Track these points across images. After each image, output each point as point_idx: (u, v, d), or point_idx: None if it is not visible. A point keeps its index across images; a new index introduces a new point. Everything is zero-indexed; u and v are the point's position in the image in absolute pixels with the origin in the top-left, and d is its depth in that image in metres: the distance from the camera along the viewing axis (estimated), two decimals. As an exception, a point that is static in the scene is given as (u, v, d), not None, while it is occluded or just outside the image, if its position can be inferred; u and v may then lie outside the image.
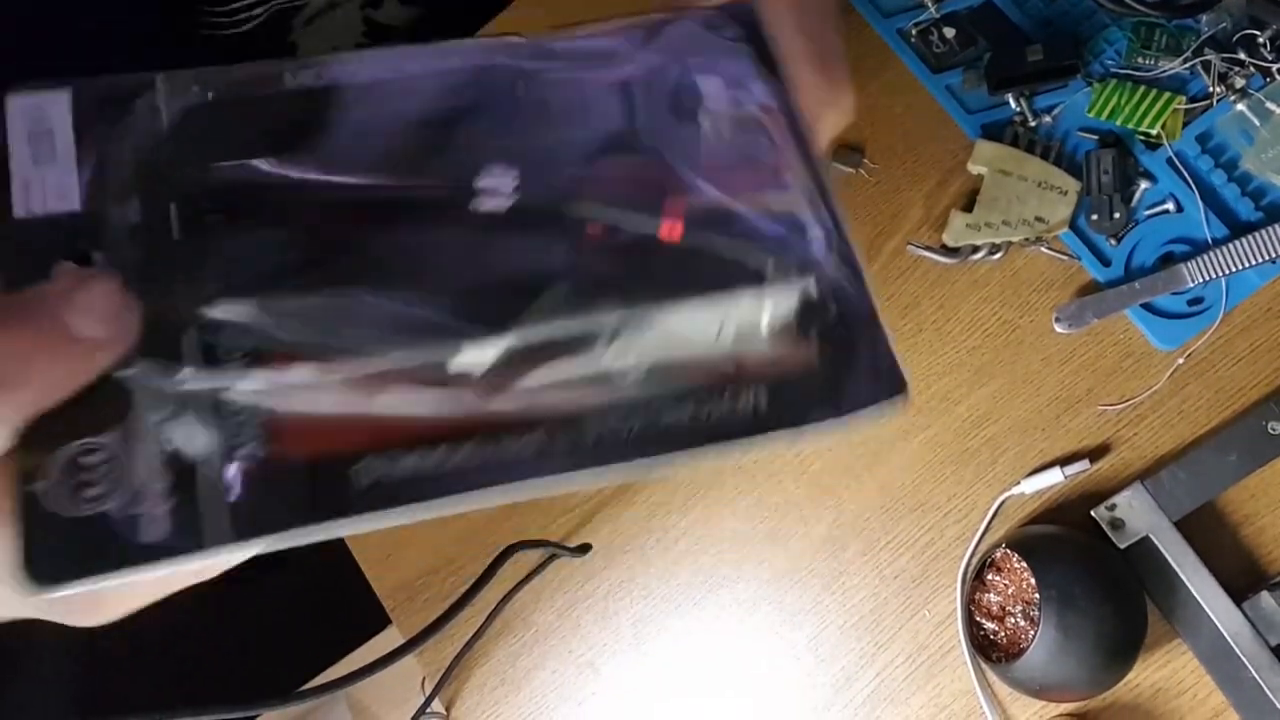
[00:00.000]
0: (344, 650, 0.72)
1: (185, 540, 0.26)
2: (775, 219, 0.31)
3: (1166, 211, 0.62)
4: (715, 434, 0.29)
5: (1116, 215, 0.61)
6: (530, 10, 0.73)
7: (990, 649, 0.58)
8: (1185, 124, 0.62)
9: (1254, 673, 0.56)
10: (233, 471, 0.27)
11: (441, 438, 0.28)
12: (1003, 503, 0.62)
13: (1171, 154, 0.62)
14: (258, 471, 0.27)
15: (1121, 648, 0.56)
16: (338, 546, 0.71)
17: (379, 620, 0.70)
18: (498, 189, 0.31)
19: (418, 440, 0.27)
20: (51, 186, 0.29)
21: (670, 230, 0.30)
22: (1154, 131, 0.62)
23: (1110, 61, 0.64)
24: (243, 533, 0.26)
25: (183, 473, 0.26)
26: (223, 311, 0.28)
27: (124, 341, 0.27)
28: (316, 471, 0.27)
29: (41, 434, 0.26)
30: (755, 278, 0.30)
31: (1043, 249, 0.63)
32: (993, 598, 0.58)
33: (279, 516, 0.26)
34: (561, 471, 0.28)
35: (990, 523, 0.62)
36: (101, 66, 0.61)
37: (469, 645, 0.65)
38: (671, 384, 0.29)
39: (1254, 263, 0.59)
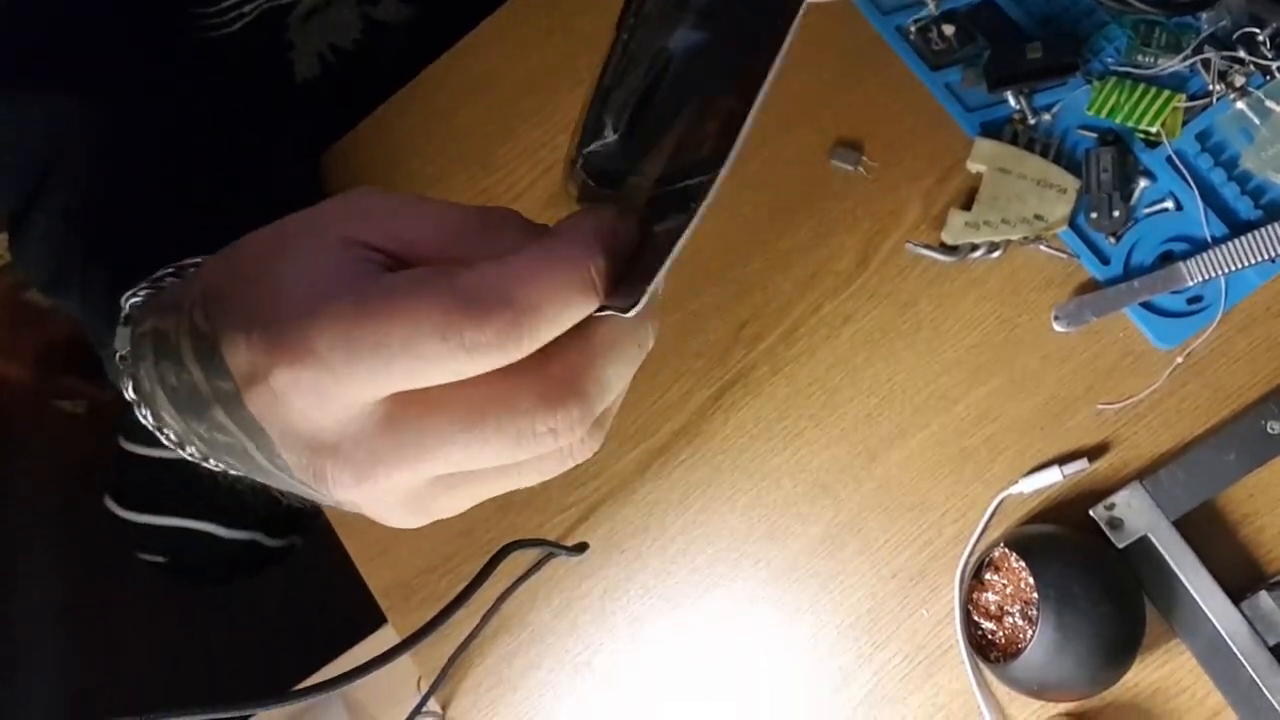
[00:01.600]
0: (339, 649, 0.71)
1: None
2: None
3: (1166, 210, 0.62)
4: None
5: (1116, 213, 0.61)
6: (529, 8, 0.73)
7: (988, 649, 0.58)
8: (1185, 122, 0.62)
9: (1252, 672, 0.56)
10: None
11: None
12: (1001, 502, 0.62)
13: (1171, 152, 0.61)
14: None
15: (1120, 647, 0.56)
16: (333, 544, 0.70)
17: (374, 619, 0.70)
18: None
19: None
20: None
21: None
22: (1153, 129, 0.61)
23: (1110, 59, 0.63)
24: None
25: None
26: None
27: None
28: None
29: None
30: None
31: (1041, 247, 0.63)
32: (991, 597, 0.58)
33: None
34: None
35: (988, 522, 0.62)
36: (91, 67, 0.61)
37: (465, 644, 0.65)
38: None
39: (1253, 261, 0.59)
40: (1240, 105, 0.61)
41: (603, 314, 0.30)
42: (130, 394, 0.40)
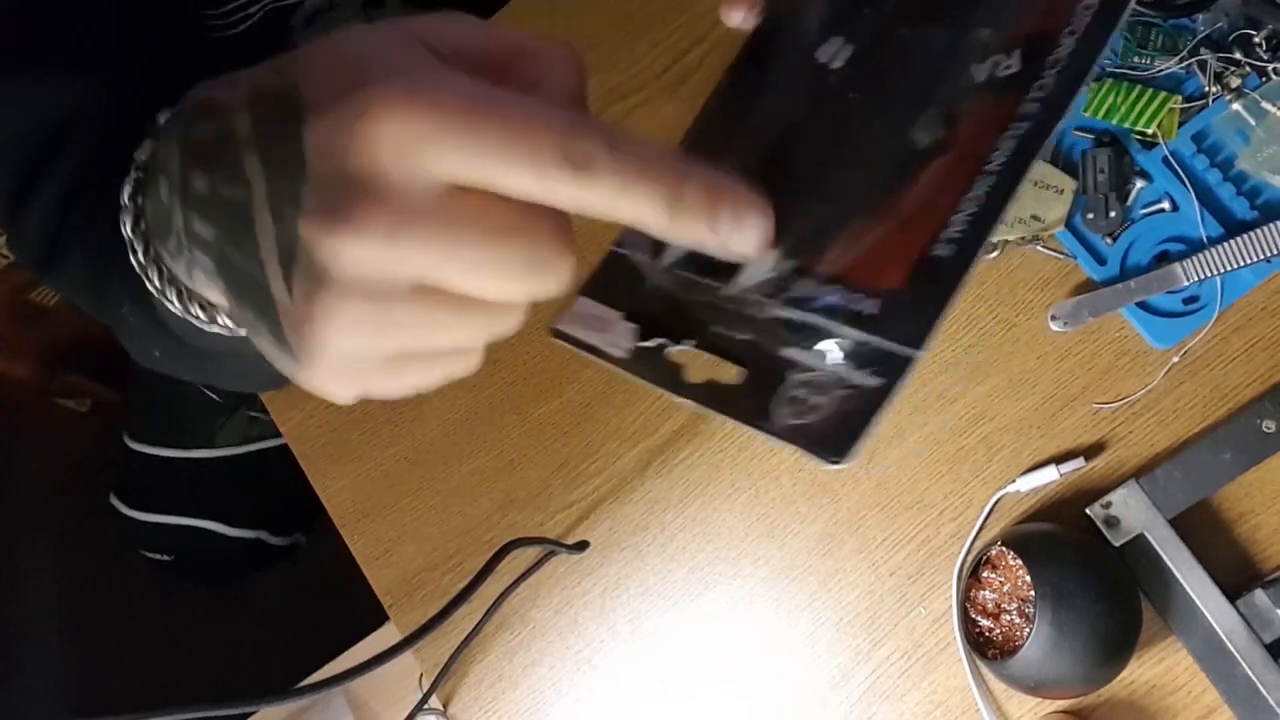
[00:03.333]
0: (341, 646, 0.72)
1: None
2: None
3: (1162, 210, 0.62)
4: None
5: (1112, 214, 0.62)
6: (529, 8, 0.73)
7: (985, 646, 0.58)
8: (1181, 123, 0.62)
9: (1247, 669, 0.56)
10: None
11: None
12: (998, 500, 0.62)
13: (1167, 153, 0.62)
14: None
15: (1116, 645, 0.56)
16: (336, 543, 0.71)
17: (376, 617, 0.70)
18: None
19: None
20: None
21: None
22: (1150, 131, 0.62)
23: (1106, 61, 0.64)
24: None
25: None
26: None
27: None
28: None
29: None
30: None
31: (1039, 248, 0.64)
32: (988, 595, 0.59)
33: None
34: None
35: (986, 520, 0.62)
36: (95, 67, 0.61)
37: (466, 642, 0.65)
38: None
39: (1249, 261, 0.60)
40: (1236, 106, 0.62)
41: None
42: (127, 192, 0.39)
